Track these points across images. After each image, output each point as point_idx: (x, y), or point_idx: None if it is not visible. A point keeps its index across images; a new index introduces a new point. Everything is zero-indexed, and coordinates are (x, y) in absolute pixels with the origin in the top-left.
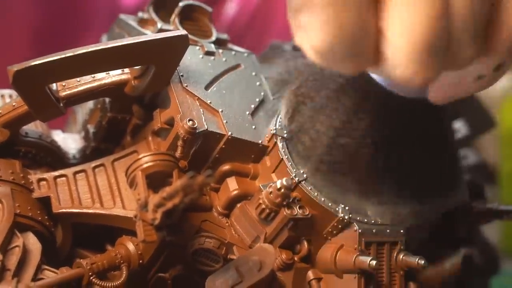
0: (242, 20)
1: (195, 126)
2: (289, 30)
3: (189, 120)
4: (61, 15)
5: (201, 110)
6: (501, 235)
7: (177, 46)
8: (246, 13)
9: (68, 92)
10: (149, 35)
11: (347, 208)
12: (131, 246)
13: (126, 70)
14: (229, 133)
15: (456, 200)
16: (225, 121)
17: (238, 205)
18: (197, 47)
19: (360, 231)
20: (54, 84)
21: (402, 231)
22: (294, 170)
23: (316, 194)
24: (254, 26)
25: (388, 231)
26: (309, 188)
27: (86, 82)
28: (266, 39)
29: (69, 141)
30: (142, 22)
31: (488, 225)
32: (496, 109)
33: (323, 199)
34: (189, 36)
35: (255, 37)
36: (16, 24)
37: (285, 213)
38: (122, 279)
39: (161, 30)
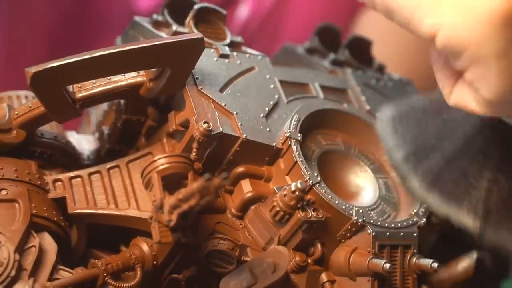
0: (254, 24)
1: (210, 128)
2: (300, 33)
3: (204, 123)
4: (78, 17)
5: (216, 112)
6: None
7: (193, 49)
8: (258, 17)
9: (84, 93)
10: (165, 37)
11: (360, 211)
12: (145, 247)
13: (142, 72)
14: (244, 135)
15: None
16: (239, 124)
17: (252, 207)
18: (212, 50)
19: (373, 234)
20: (70, 86)
21: (415, 234)
22: (308, 173)
23: (330, 196)
24: (266, 29)
25: (401, 234)
26: (323, 191)
27: (102, 84)
28: (278, 42)
29: (84, 142)
30: (157, 25)
31: None
32: None
33: (337, 201)
34: (204, 38)
35: (267, 40)
36: (33, 26)
37: (299, 215)
38: (136, 280)
39: (176, 33)
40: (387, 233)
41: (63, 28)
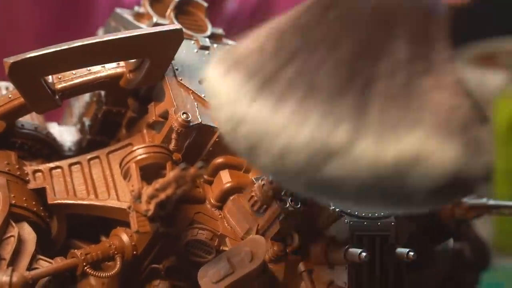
0: (243, 17)
1: (189, 119)
2: None
3: (183, 113)
4: (64, 15)
5: (195, 103)
6: (493, 231)
7: (172, 40)
8: (246, 11)
9: (63, 84)
10: (144, 29)
11: None
12: (125, 237)
13: (122, 63)
14: None
15: None
16: None
17: (231, 197)
18: (192, 41)
19: (351, 224)
20: (50, 77)
21: (392, 224)
22: None
23: None
24: (254, 22)
25: (378, 224)
26: None
27: (81, 75)
28: None
29: (65, 134)
30: (138, 16)
31: (481, 220)
32: (490, 107)
33: None
34: (184, 30)
35: None
36: (20, 23)
37: (277, 205)
38: (116, 269)
39: (156, 24)
40: (365, 223)
41: (50, 25)
